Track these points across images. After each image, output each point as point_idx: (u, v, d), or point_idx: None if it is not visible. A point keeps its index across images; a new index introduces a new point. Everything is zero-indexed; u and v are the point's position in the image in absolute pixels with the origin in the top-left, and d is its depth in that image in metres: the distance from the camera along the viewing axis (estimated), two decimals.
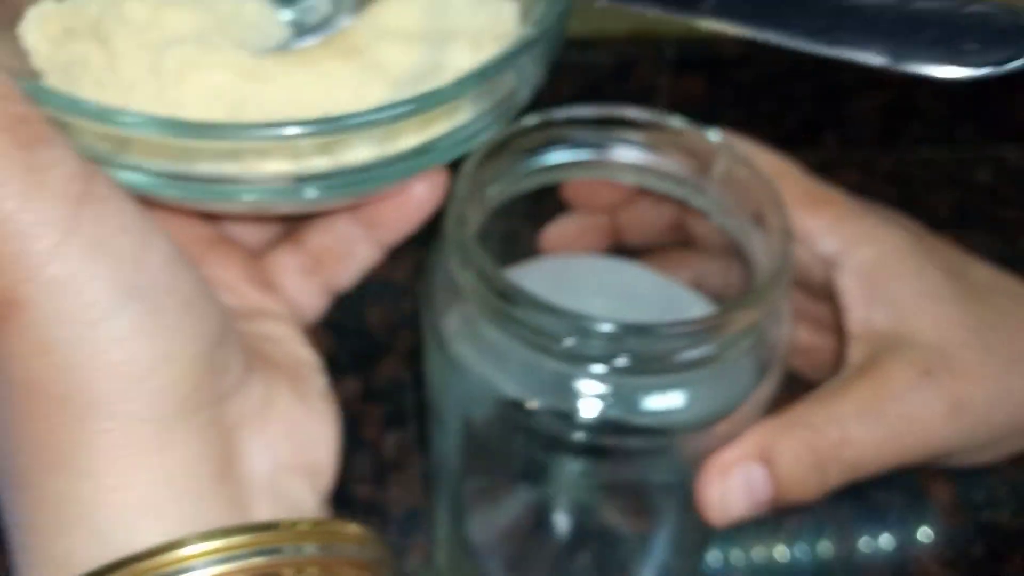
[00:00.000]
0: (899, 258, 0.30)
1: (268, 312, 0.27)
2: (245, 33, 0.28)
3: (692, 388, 0.28)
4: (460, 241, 0.27)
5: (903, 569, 0.45)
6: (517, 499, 0.35)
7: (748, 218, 0.30)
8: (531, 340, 0.26)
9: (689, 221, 0.34)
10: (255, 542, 0.19)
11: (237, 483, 0.21)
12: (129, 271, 0.18)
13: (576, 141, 0.31)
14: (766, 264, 0.28)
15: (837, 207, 0.31)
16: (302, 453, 0.24)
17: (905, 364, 0.29)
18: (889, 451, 0.29)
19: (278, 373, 0.25)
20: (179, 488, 0.20)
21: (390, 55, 0.28)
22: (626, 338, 0.25)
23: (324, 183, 0.24)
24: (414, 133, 0.25)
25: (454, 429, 0.32)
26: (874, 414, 0.28)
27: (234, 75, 0.26)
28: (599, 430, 0.28)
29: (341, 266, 0.29)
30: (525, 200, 0.32)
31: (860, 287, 0.30)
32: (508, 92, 0.26)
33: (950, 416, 0.28)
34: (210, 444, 0.21)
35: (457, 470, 0.34)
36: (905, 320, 0.29)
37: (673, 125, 0.30)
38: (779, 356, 0.30)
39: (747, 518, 0.29)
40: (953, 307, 0.30)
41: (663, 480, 0.32)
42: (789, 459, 0.28)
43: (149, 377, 0.19)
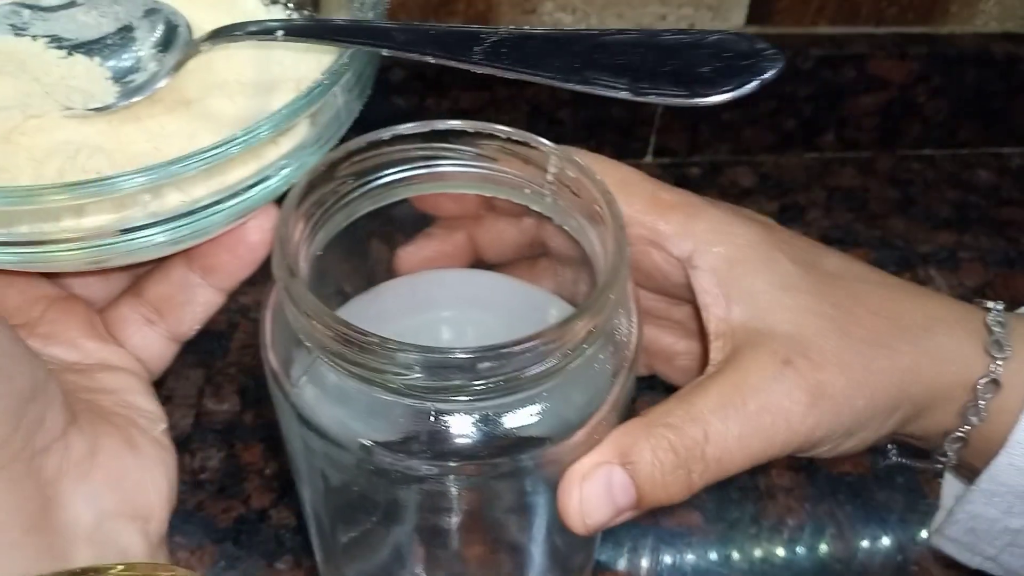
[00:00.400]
0: (752, 253, 0.30)
1: (109, 365, 0.28)
2: (71, 96, 0.29)
3: (547, 400, 0.28)
4: (290, 287, 0.26)
5: (903, 570, 0.45)
6: (390, 541, 0.34)
7: (585, 219, 0.30)
8: (375, 380, 0.25)
9: (547, 232, 0.34)
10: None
11: (55, 532, 0.22)
12: None
13: (407, 158, 0.30)
14: (605, 264, 0.28)
15: (686, 208, 0.31)
16: (129, 500, 0.25)
17: (764, 356, 0.28)
18: (753, 445, 0.28)
19: (106, 424, 0.25)
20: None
21: (218, 105, 0.30)
22: (471, 364, 0.25)
23: (147, 231, 0.25)
24: (239, 169, 0.26)
25: (313, 481, 0.32)
26: (735, 408, 0.28)
27: (65, 136, 0.28)
28: (458, 458, 0.27)
29: (180, 314, 0.30)
30: (372, 221, 0.32)
31: (716, 285, 0.30)
32: (328, 121, 0.28)
33: (812, 404, 0.28)
34: (23, 496, 0.21)
35: (326, 520, 0.34)
36: (762, 313, 0.29)
37: (502, 134, 0.30)
38: (630, 355, 0.30)
39: (611, 524, 0.28)
40: (808, 297, 0.29)
41: (531, 499, 0.31)
42: (649, 461, 0.27)
43: None
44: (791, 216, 0.64)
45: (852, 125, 0.68)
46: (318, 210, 0.29)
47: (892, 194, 0.67)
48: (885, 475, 0.48)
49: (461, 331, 0.36)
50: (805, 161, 0.69)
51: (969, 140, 0.70)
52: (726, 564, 0.45)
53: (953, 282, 0.60)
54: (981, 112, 0.69)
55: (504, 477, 0.28)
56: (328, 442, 0.28)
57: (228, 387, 0.50)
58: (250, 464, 0.47)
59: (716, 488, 0.47)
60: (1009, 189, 0.68)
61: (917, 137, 0.70)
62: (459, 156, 0.31)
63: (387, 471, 0.28)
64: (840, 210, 0.65)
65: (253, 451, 0.47)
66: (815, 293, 0.30)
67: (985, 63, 0.66)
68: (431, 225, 0.34)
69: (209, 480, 0.46)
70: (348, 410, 0.28)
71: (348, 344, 0.25)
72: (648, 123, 0.66)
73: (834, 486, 0.48)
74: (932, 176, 0.69)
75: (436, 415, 0.27)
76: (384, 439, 0.27)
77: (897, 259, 0.61)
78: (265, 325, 0.30)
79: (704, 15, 0.64)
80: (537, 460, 0.28)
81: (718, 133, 0.67)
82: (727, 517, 0.46)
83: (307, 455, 0.30)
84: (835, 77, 0.65)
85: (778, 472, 0.48)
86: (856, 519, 0.47)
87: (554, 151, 0.30)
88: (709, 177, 0.67)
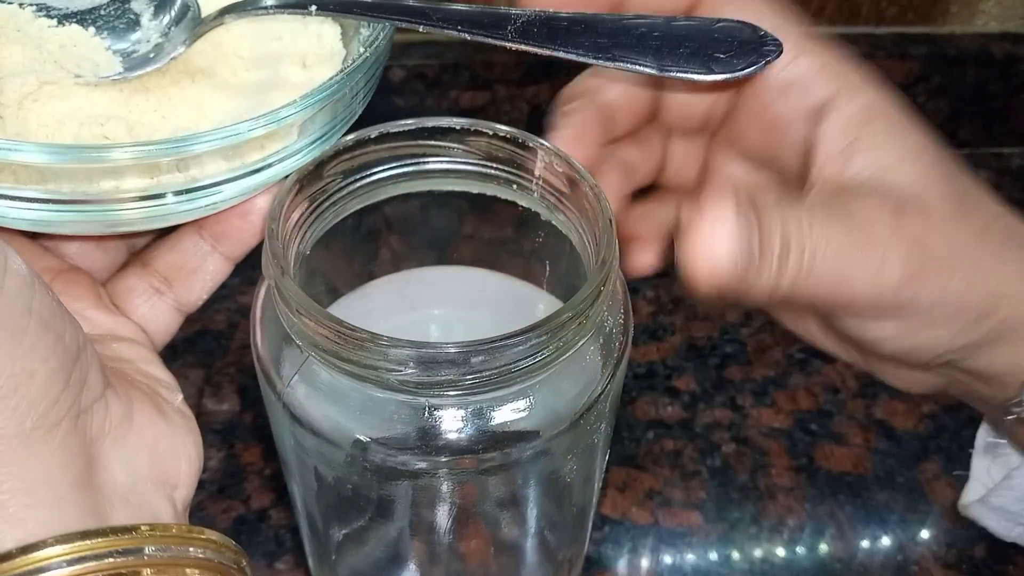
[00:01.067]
0: (892, 112, 0.29)
1: (118, 336, 0.28)
2: (81, 64, 0.29)
3: (538, 394, 0.28)
4: (281, 285, 0.26)
5: (903, 570, 0.45)
6: (383, 537, 0.34)
7: (574, 213, 0.30)
8: (367, 376, 0.26)
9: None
10: (112, 544, 0.20)
11: (97, 491, 0.22)
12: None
13: (395, 155, 0.31)
14: (594, 257, 0.28)
15: (833, 53, 0.30)
16: (160, 466, 0.25)
17: (875, 200, 0.28)
18: (845, 269, 0.27)
19: (137, 391, 0.26)
20: (39, 496, 0.21)
21: (230, 75, 0.30)
22: (463, 358, 0.25)
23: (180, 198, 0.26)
24: (257, 150, 0.27)
25: (305, 479, 0.32)
26: (839, 227, 0.27)
27: (78, 103, 0.28)
28: (451, 452, 0.27)
29: (190, 282, 0.30)
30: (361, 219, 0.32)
31: (847, 132, 0.29)
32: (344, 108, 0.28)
33: (909, 259, 0.27)
34: (70, 454, 0.22)
35: (319, 519, 0.34)
36: (884, 170, 0.28)
37: (489, 130, 0.30)
38: (621, 347, 0.30)
39: (716, 290, 0.27)
40: (934, 169, 0.29)
41: (523, 493, 0.32)
42: (758, 232, 0.26)
43: (10, 395, 0.20)
44: None
45: None
46: (307, 208, 0.29)
47: None
48: (885, 475, 0.48)
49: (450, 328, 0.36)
50: None
51: (969, 140, 0.70)
52: (726, 564, 0.45)
53: None
54: (981, 112, 0.69)
55: (496, 471, 0.28)
56: (321, 440, 0.28)
57: (228, 387, 0.50)
58: (250, 464, 0.47)
59: (716, 488, 0.47)
60: (1009, 189, 0.68)
61: None
62: (447, 153, 0.31)
63: (380, 467, 0.28)
64: None
65: (253, 451, 0.48)
66: (941, 168, 0.29)
67: (985, 63, 0.66)
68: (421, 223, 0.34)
69: (209, 480, 0.46)
70: (340, 407, 0.28)
71: (340, 341, 0.25)
72: None
73: (834, 486, 0.48)
74: None
75: (428, 410, 0.27)
76: (377, 435, 0.28)
77: None
78: (255, 324, 0.30)
79: None
80: (529, 453, 0.28)
81: None
82: (727, 517, 0.46)
83: (299, 453, 0.30)
84: None
85: (778, 472, 0.48)
86: (856, 519, 0.47)
87: (542, 146, 0.30)
88: None
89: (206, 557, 0.21)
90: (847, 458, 0.49)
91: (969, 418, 0.52)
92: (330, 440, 0.28)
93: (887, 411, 0.51)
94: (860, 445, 0.50)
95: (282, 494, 0.46)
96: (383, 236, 0.35)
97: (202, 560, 0.21)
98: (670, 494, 0.47)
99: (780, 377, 0.53)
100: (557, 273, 0.35)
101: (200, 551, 0.21)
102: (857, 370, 0.53)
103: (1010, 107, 0.69)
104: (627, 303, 0.30)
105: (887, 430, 0.51)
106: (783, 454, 0.49)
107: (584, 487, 0.34)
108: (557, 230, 0.31)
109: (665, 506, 0.47)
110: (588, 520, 0.37)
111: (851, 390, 0.53)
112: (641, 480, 0.48)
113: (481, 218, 0.34)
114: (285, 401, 0.28)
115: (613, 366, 0.29)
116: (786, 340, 0.55)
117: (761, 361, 0.54)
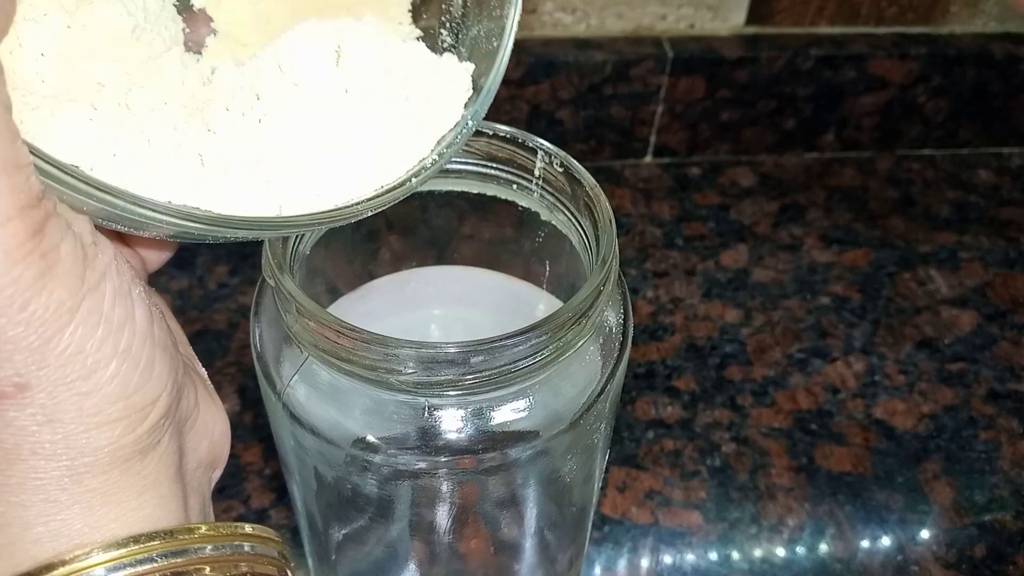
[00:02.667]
0: None
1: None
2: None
3: (538, 394, 0.28)
4: (281, 285, 0.26)
5: (903, 570, 0.45)
6: (383, 537, 0.34)
7: (574, 213, 0.30)
8: (368, 376, 0.25)
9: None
10: (162, 546, 0.20)
11: (181, 482, 0.23)
12: (121, 336, 0.19)
13: None
14: (594, 258, 0.28)
15: None
16: (214, 450, 0.25)
17: None
18: None
19: (194, 373, 0.25)
20: (149, 496, 0.21)
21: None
22: (463, 358, 0.25)
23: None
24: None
25: (305, 479, 0.32)
26: None
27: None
28: (451, 452, 0.27)
29: None
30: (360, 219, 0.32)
31: None
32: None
33: None
34: (173, 450, 0.22)
35: (319, 519, 0.34)
36: None
37: (489, 131, 0.30)
38: (620, 347, 0.30)
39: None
40: None
41: (522, 493, 0.32)
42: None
43: (140, 423, 0.20)
44: (791, 216, 0.64)
45: (852, 125, 0.68)
46: None
47: (892, 194, 0.67)
48: (885, 475, 0.48)
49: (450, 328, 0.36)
50: (805, 161, 0.69)
51: (969, 140, 0.70)
52: (726, 564, 0.45)
53: (953, 282, 0.60)
54: (981, 112, 0.69)
55: (496, 471, 0.28)
56: (321, 440, 0.28)
57: (228, 387, 0.50)
58: (250, 464, 0.47)
59: (716, 488, 0.47)
60: (1009, 189, 0.68)
61: (917, 137, 0.70)
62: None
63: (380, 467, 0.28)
64: (840, 210, 0.65)
65: (253, 451, 0.47)
66: None
67: (985, 63, 0.66)
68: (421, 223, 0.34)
69: None
70: (341, 407, 0.28)
71: (340, 341, 0.25)
72: (648, 123, 0.66)
73: (834, 486, 0.48)
74: (932, 176, 0.69)
75: (428, 410, 0.27)
76: (377, 435, 0.27)
77: (897, 259, 0.61)
78: (255, 324, 0.30)
79: (704, 15, 0.64)
80: (529, 453, 0.28)
81: (718, 133, 0.67)
82: (727, 517, 0.46)
83: (299, 453, 0.30)
84: (835, 77, 0.65)
85: (778, 472, 0.48)
86: (856, 519, 0.47)
87: (541, 147, 0.30)
88: (709, 177, 0.67)
89: (251, 551, 0.22)
90: (847, 458, 0.49)
91: (969, 418, 0.52)
92: (330, 440, 0.28)
93: (887, 411, 0.52)
94: (860, 445, 0.50)
95: (282, 494, 0.46)
96: (383, 236, 0.35)
97: (246, 555, 0.22)
98: (670, 494, 0.47)
99: (780, 377, 0.53)
100: (557, 273, 0.35)
101: (245, 545, 0.22)
102: (857, 370, 0.53)
103: (1010, 107, 0.69)
104: (627, 303, 0.30)
105: (887, 430, 0.51)
106: (783, 454, 0.49)
107: (584, 487, 0.34)
108: (557, 230, 0.31)
109: (665, 506, 0.47)
110: (588, 520, 0.37)
111: (851, 390, 0.53)
112: (641, 480, 0.48)
113: (481, 218, 0.34)
114: (285, 401, 0.28)
115: (613, 366, 0.29)
116: (786, 340, 0.55)
117: (761, 361, 0.54)
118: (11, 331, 0.17)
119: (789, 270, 0.60)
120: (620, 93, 0.64)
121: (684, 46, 0.63)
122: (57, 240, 0.18)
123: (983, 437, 0.50)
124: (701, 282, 0.59)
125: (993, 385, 0.53)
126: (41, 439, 0.19)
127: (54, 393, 0.18)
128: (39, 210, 0.17)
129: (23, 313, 0.17)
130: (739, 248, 0.61)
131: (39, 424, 0.18)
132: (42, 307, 0.17)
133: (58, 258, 0.18)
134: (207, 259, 0.58)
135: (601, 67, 0.62)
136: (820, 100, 0.66)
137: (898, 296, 0.59)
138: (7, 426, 0.18)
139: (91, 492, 0.19)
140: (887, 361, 0.54)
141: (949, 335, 0.56)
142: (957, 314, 0.58)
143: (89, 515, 0.20)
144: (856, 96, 0.66)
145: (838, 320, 0.57)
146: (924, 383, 0.53)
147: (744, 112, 0.66)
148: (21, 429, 0.18)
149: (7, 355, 0.17)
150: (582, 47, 0.62)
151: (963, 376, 0.54)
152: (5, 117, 0.17)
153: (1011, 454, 0.50)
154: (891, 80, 0.66)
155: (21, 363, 0.18)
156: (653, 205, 0.65)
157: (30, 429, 0.18)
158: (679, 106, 0.65)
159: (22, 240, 0.17)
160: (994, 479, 0.48)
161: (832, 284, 0.59)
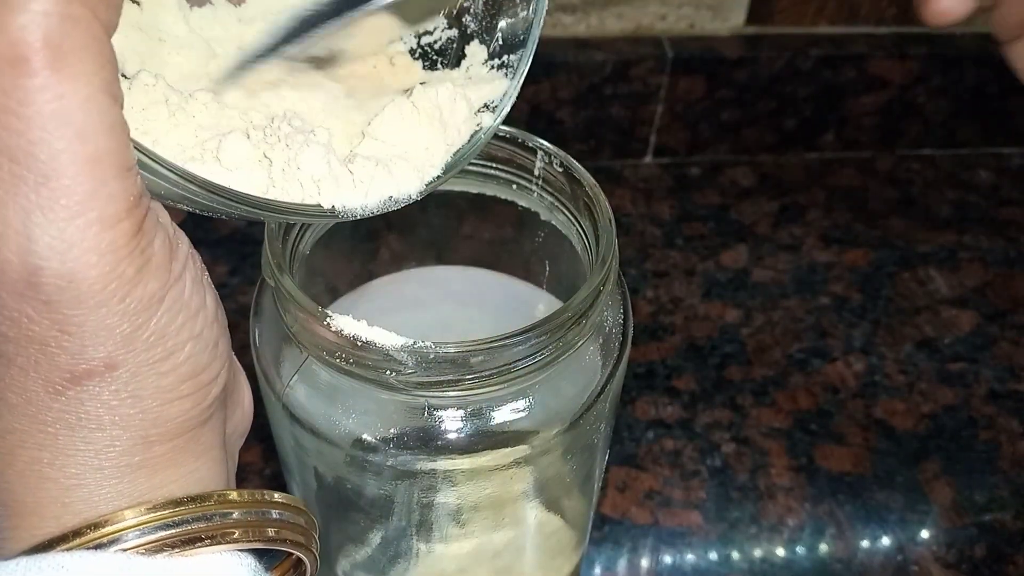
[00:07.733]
0: None
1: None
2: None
3: (538, 393, 0.28)
4: (281, 285, 0.26)
5: (903, 570, 0.45)
6: (383, 536, 0.34)
7: (573, 213, 0.30)
8: (368, 376, 0.26)
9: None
10: (191, 511, 0.21)
11: (222, 447, 0.24)
12: (196, 321, 0.21)
13: None
14: (594, 257, 0.28)
15: None
16: (245, 419, 0.26)
17: None
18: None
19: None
20: (206, 459, 0.22)
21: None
22: (464, 358, 0.25)
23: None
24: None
25: (305, 479, 0.32)
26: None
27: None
28: (451, 452, 0.27)
29: None
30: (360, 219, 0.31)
31: None
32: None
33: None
34: (221, 419, 0.23)
35: (319, 518, 0.33)
36: None
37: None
38: (620, 347, 0.30)
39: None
40: None
41: (525, 490, 0.32)
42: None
43: (205, 398, 0.22)
44: (791, 216, 0.64)
45: (852, 125, 0.68)
46: None
47: (892, 194, 0.67)
48: (885, 475, 0.48)
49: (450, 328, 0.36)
50: (805, 161, 0.69)
51: (969, 140, 0.70)
52: (726, 564, 0.45)
53: (953, 282, 0.60)
54: (981, 112, 0.69)
55: (496, 471, 0.28)
56: (321, 440, 0.28)
57: None
58: (250, 464, 0.47)
59: (716, 488, 0.47)
60: (1009, 189, 0.68)
61: (917, 137, 0.70)
62: None
63: (380, 467, 0.28)
64: (840, 210, 0.65)
65: (253, 451, 0.47)
66: None
67: (985, 63, 0.66)
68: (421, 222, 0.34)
69: None
70: (341, 407, 0.28)
71: (340, 341, 0.25)
72: (648, 123, 0.66)
73: (834, 486, 0.48)
74: (932, 176, 0.69)
75: (428, 410, 0.27)
76: (377, 435, 0.27)
77: (897, 259, 0.61)
78: (255, 324, 0.30)
79: (704, 15, 0.64)
80: (529, 453, 0.28)
81: (718, 133, 0.67)
82: (727, 517, 0.46)
83: (299, 453, 0.30)
84: (835, 77, 0.65)
85: (778, 472, 0.48)
86: (856, 519, 0.47)
87: (541, 147, 0.30)
88: (709, 177, 0.67)
89: (277, 518, 0.23)
90: (847, 458, 0.49)
91: (969, 418, 0.52)
92: (330, 440, 0.28)
93: (887, 411, 0.51)
94: (860, 445, 0.50)
95: None
96: (383, 236, 0.35)
97: (272, 520, 0.23)
98: (670, 494, 0.47)
99: (780, 377, 0.53)
100: (557, 273, 0.35)
101: (272, 512, 0.23)
102: (857, 369, 0.53)
103: (1010, 107, 0.69)
104: (627, 303, 0.30)
105: (887, 430, 0.51)
106: (783, 454, 0.49)
107: (584, 487, 0.34)
108: (557, 230, 0.31)
109: (665, 506, 0.47)
110: (588, 520, 0.37)
111: (851, 390, 0.53)
112: (641, 480, 0.48)
113: (481, 218, 0.34)
114: (285, 401, 0.28)
115: (613, 366, 0.29)
116: (786, 340, 0.55)
117: (761, 361, 0.54)
118: (109, 320, 0.19)
119: (789, 270, 0.60)
120: (620, 93, 0.64)
121: (684, 46, 0.63)
122: (152, 235, 0.19)
123: (983, 437, 0.50)
124: (701, 282, 0.59)
125: (993, 385, 0.53)
126: (122, 412, 0.20)
127: (137, 373, 0.20)
128: (141, 208, 0.19)
129: (121, 304, 0.19)
130: (739, 248, 0.61)
131: (121, 400, 0.20)
132: (137, 299, 0.19)
133: (153, 252, 0.19)
134: (207, 259, 0.58)
135: (601, 67, 0.62)
136: (820, 100, 0.66)
137: (898, 296, 0.59)
138: (93, 399, 0.20)
139: (157, 457, 0.21)
140: (887, 361, 0.54)
141: (949, 335, 0.56)
142: (957, 314, 0.58)
143: (153, 477, 0.21)
144: (856, 96, 0.66)
145: (838, 320, 0.57)
146: (924, 383, 0.53)
147: (744, 112, 0.66)
148: (105, 403, 0.20)
149: (101, 340, 0.19)
150: (582, 47, 0.62)
151: (963, 376, 0.54)
152: (118, 115, 0.18)
153: (1011, 454, 0.50)
154: (891, 80, 0.66)
155: (112, 347, 0.19)
156: (653, 205, 0.65)
157: (112, 404, 0.20)
158: (679, 106, 0.65)
159: (128, 239, 0.18)
160: (994, 479, 0.48)
161: (832, 284, 0.59)
